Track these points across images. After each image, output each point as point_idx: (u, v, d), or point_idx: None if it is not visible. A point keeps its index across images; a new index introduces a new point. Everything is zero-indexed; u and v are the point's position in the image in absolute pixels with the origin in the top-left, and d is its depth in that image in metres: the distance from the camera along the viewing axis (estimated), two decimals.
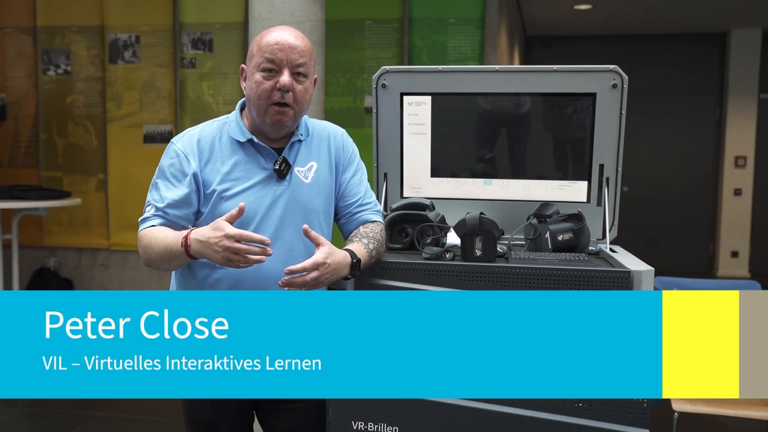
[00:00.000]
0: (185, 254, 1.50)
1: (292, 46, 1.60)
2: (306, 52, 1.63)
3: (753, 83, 7.31)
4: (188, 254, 1.50)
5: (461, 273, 1.64)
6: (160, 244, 1.55)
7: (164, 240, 1.55)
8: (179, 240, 1.51)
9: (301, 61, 1.61)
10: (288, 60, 1.59)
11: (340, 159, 1.75)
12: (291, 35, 1.63)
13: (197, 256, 1.50)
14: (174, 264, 1.59)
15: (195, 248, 1.48)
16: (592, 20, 7.00)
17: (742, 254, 7.42)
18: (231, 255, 1.43)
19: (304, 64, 1.62)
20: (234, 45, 4.83)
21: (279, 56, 1.59)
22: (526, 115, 2.14)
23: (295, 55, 1.60)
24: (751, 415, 2.52)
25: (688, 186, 7.64)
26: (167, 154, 1.67)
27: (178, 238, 1.52)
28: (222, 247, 1.43)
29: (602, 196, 2.02)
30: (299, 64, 1.61)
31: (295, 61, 1.60)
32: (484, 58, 4.56)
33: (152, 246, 1.57)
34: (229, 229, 1.43)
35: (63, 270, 5.23)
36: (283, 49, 1.59)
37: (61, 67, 5.07)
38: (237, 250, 1.42)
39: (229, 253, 1.43)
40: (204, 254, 1.48)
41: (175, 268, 1.66)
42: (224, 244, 1.43)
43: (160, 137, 4.95)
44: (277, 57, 1.59)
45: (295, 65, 1.60)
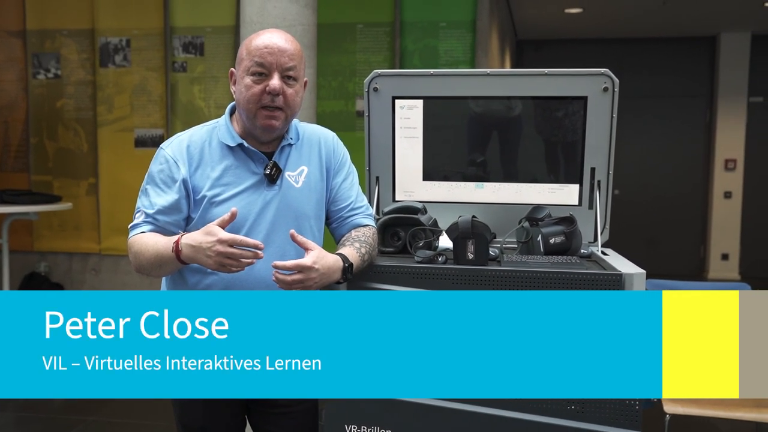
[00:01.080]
0: (176, 260, 1.50)
1: (282, 49, 1.60)
2: (296, 55, 1.62)
3: (742, 86, 7.36)
4: (179, 259, 1.49)
5: (454, 276, 1.64)
6: (150, 251, 1.55)
7: (155, 246, 1.54)
8: (170, 246, 1.50)
9: (290, 65, 1.60)
10: (278, 63, 1.59)
11: (331, 163, 1.75)
12: (281, 38, 1.62)
13: (188, 262, 1.50)
14: (165, 270, 1.58)
15: (186, 253, 1.48)
16: (582, 24, 7.03)
17: (732, 257, 7.46)
18: (224, 260, 1.43)
19: (294, 68, 1.62)
20: (225, 49, 4.82)
21: (269, 60, 1.59)
22: (518, 119, 2.15)
23: (285, 59, 1.60)
24: (742, 417, 2.52)
25: (678, 189, 7.68)
26: (156, 159, 1.66)
27: (168, 243, 1.51)
28: (215, 252, 1.42)
29: (594, 199, 2.02)
30: (289, 67, 1.60)
31: (285, 64, 1.60)
32: (476, 62, 4.58)
33: (143, 252, 1.56)
34: (222, 234, 1.43)
35: (53, 275, 5.19)
36: (272, 53, 1.59)
37: (51, 70, 5.05)
38: (231, 254, 1.42)
39: (222, 257, 1.42)
40: (195, 259, 1.47)
41: (166, 275, 1.65)
42: (217, 249, 1.42)
43: (152, 141, 4.93)
44: (267, 60, 1.58)
45: (284, 68, 1.60)
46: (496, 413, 1.48)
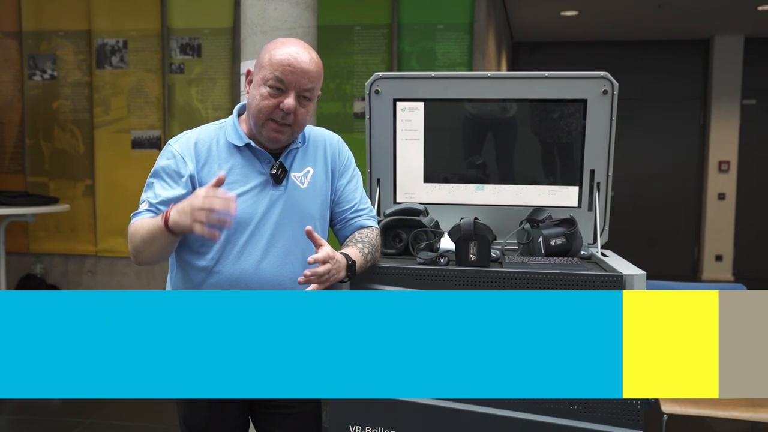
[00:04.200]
0: (164, 228, 1.47)
1: (305, 70, 1.59)
2: (316, 77, 1.62)
3: (736, 89, 7.42)
4: (166, 226, 1.47)
5: (456, 277, 1.65)
6: (144, 228, 1.54)
7: (148, 222, 1.54)
8: (161, 216, 1.49)
9: (309, 87, 1.60)
10: (297, 84, 1.59)
11: (336, 165, 1.76)
12: (306, 58, 1.60)
13: (174, 228, 1.46)
14: (155, 246, 1.54)
15: (173, 218, 1.45)
16: (578, 26, 7.06)
17: (726, 258, 7.51)
18: (197, 212, 1.39)
19: (312, 89, 1.62)
20: (223, 50, 4.83)
21: (289, 78, 1.58)
22: (518, 121, 2.16)
23: (305, 80, 1.59)
24: (738, 416, 2.55)
25: (673, 190, 7.72)
26: (164, 155, 1.66)
27: (160, 216, 1.50)
28: (190, 206, 1.41)
29: (593, 200, 2.04)
30: (307, 89, 1.60)
31: (304, 85, 1.60)
32: (473, 64, 4.60)
33: (136, 232, 1.56)
34: (201, 191, 1.42)
35: (49, 276, 5.18)
36: (294, 72, 1.58)
37: (47, 72, 5.04)
38: (201, 204, 1.38)
39: (195, 211, 1.39)
40: (179, 222, 1.44)
41: (157, 254, 1.59)
42: (191, 202, 1.41)
43: (149, 143, 4.93)
44: (287, 79, 1.58)
45: (302, 89, 1.60)
46: (500, 413, 1.49)
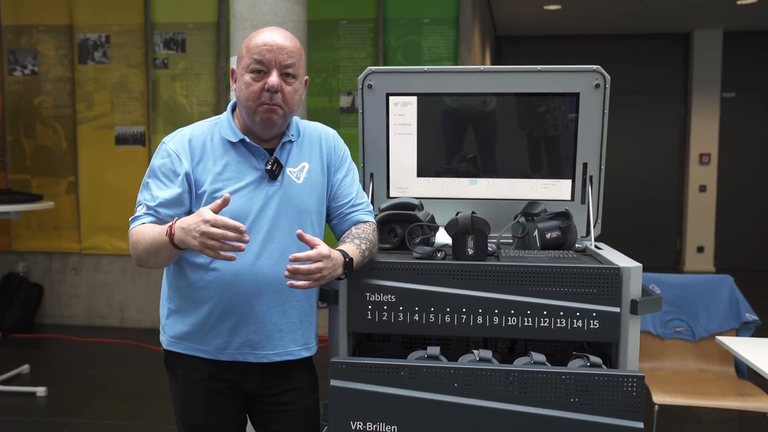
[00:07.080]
0: (170, 244, 1.47)
1: (281, 46, 1.60)
2: (295, 52, 1.62)
3: (715, 82, 7.51)
4: (172, 243, 1.47)
5: (453, 272, 1.65)
6: (147, 238, 1.54)
7: (151, 233, 1.53)
8: (165, 230, 1.49)
9: (289, 62, 1.61)
10: (276, 61, 1.59)
11: (332, 160, 1.75)
12: (280, 36, 1.63)
13: (180, 246, 1.47)
14: (161, 257, 1.55)
15: (178, 236, 1.46)
16: (560, 20, 7.10)
17: (707, 249, 7.61)
18: (207, 240, 1.40)
19: (293, 65, 1.62)
20: (207, 45, 4.79)
21: (267, 57, 1.59)
22: (506, 116, 2.17)
23: (284, 56, 1.60)
24: (726, 405, 2.59)
25: (654, 183, 7.80)
26: (158, 153, 1.65)
27: (164, 229, 1.50)
28: (199, 232, 1.40)
29: (586, 193, 2.05)
30: (288, 64, 1.60)
31: (284, 61, 1.60)
32: (459, 58, 4.60)
33: (140, 241, 1.56)
34: (208, 214, 1.41)
35: (32, 275, 5.12)
36: (271, 50, 1.59)
37: (28, 67, 4.96)
38: (212, 234, 1.39)
39: (205, 238, 1.40)
40: (185, 242, 1.44)
41: (163, 263, 1.61)
42: (201, 229, 1.40)
43: (132, 139, 4.88)
44: (266, 58, 1.59)
45: (283, 66, 1.60)
46: (501, 407, 1.50)
